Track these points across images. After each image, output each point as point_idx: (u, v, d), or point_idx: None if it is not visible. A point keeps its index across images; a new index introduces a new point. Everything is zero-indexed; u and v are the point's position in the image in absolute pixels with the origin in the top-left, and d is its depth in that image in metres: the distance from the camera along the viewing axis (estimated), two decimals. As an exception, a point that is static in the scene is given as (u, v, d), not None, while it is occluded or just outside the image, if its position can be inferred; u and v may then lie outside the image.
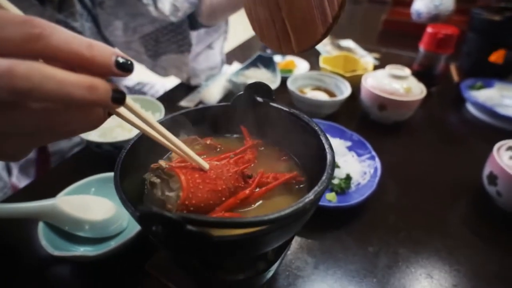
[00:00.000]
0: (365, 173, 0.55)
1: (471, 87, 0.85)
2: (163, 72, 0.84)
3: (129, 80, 1.11)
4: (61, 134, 0.23)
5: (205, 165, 0.30)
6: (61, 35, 0.19)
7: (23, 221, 0.43)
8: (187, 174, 0.29)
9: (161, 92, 1.12)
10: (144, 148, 0.33)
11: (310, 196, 0.24)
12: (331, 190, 0.52)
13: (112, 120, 0.60)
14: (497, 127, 0.75)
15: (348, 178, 0.53)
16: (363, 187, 0.52)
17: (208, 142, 0.38)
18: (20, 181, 0.88)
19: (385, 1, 1.72)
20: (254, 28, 0.39)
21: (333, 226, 0.50)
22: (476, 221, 0.53)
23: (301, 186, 0.34)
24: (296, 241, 0.47)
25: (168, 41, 0.75)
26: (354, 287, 0.42)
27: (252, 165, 0.35)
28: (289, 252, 0.46)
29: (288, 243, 0.36)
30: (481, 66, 0.91)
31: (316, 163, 0.31)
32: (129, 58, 0.21)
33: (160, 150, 0.35)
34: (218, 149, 0.38)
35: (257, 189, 0.32)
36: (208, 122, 0.39)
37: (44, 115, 0.20)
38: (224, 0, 0.65)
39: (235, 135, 0.41)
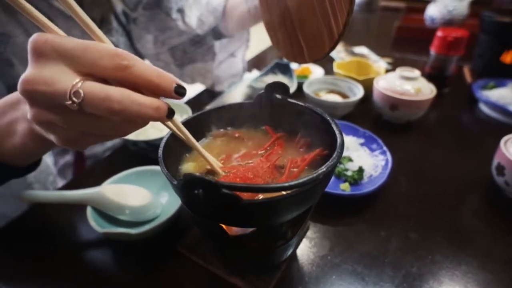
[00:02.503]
0: (376, 166, 0.59)
1: (483, 87, 0.87)
2: (189, 80, 0.90)
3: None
4: (119, 136, 0.31)
5: (218, 164, 0.36)
6: (140, 66, 0.26)
7: (74, 206, 0.50)
8: (230, 179, 0.34)
9: (185, 98, 1.19)
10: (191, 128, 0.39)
11: (323, 168, 0.29)
12: (345, 181, 0.56)
13: (145, 122, 0.67)
14: (510, 125, 0.77)
15: (360, 170, 0.57)
16: (375, 179, 0.56)
17: (236, 135, 0.44)
18: (58, 183, 0.97)
19: (398, 9, 1.76)
20: (273, 42, 0.45)
21: (346, 213, 0.54)
22: (486, 210, 0.56)
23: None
24: (313, 227, 0.52)
25: (194, 51, 0.81)
26: (367, 267, 0.46)
27: (280, 157, 0.40)
28: (307, 236, 0.50)
29: (303, 220, 0.41)
30: (493, 66, 0.93)
31: (329, 146, 0.36)
32: (184, 85, 0.28)
33: (194, 136, 0.41)
34: (244, 140, 0.44)
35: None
36: (235, 118, 0.44)
37: (120, 125, 0.29)
38: (245, 14, 0.71)
39: (258, 128, 0.46)
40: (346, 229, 0.52)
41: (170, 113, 0.28)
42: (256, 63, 1.14)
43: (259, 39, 1.22)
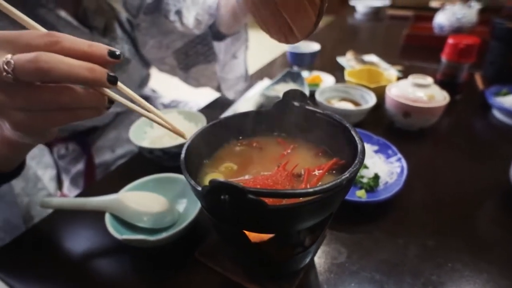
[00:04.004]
0: (392, 173, 0.59)
1: (496, 94, 0.87)
2: (195, 83, 0.91)
3: (165, 98, 1.21)
4: (72, 114, 0.32)
5: (183, 132, 0.38)
6: (69, 39, 0.30)
7: (92, 213, 0.50)
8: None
9: (194, 109, 1.21)
10: (199, 144, 0.40)
11: (346, 174, 0.29)
12: (361, 188, 0.56)
13: (160, 130, 0.68)
14: (524, 131, 0.76)
15: (376, 177, 0.57)
16: (390, 186, 0.56)
17: (254, 144, 0.44)
18: (71, 192, 0.98)
19: (406, 17, 1.77)
20: (261, 28, 0.45)
21: (363, 221, 0.54)
22: (504, 216, 0.55)
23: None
24: (331, 234, 0.51)
25: (196, 53, 0.82)
26: (385, 275, 0.45)
27: (297, 165, 0.40)
28: (324, 243, 0.50)
29: (323, 227, 0.41)
30: (505, 73, 0.93)
31: (349, 154, 0.37)
32: (118, 50, 0.31)
33: (212, 144, 0.42)
34: (262, 149, 0.44)
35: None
36: (253, 125, 0.45)
37: (57, 93, 0.30)
38: (235, 6, 0.69)
39: (276, 136, 0.46)
40: (363, 236, 0.51)
41: (111, 78, 0.31)
42: (266, 71, 1.15)
43: (268, 48, 1.24)
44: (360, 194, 0.55)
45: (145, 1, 0.79)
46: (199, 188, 0.30)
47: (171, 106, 1.18)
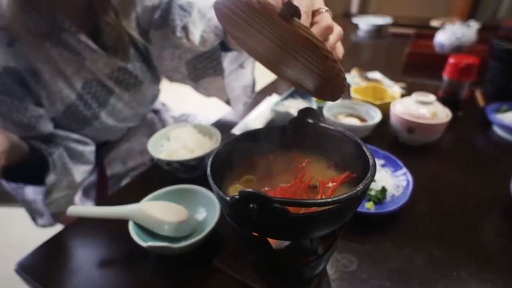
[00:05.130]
0: (398, 186, 0.62)
1: (497, 111, 0.91)
2: (205, 93, 0.92)
3: (175, 112, 1.25)
4: None
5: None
6: None
7: (114, 220, 0.54)
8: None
9: (203, 122, 1.25)
10: (222, 158, 0.43)
11: (360, 186, 0.33)
12: (369, 200, 0.59)
13: (176, 144, 0.71)
14: (524, 147, 0.80)
15: (383, 190, 0.60)
16: (397, 198, 0.59)
17: (271, 158, 0.48)
18: (83, 202, 1.01)
19: (408, 35, 1.82)
20: (293, 86, 0.49)
21: (372, 231, 0.57)
22: (507, 228, 0.58)
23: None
24: (342, 244, 0.54)
25: (205, 67, 0.83)
26: (394, 283, 0.48)
27: (313, 178, 0.43)
28: (336, 252, 0.53)
29: (336, 236, 0.44)
30: (504, 91, 0.97)
31: (360, 167, 0.40)
32: None
33: (233, 158, 0.46)
34: (279, 162, 0.48)
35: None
36: (270, 140, 0.48)
37: None
38: None
39: (291, 151, 0.50)
40: (372, 246, 0.54)
41: None
42: (275, 87, 1.20)
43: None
44: (369, 206, 0.58)
45: (153, 17, 0.82)
46: (228, 198, 0.33)
47: (181, 119, 1.22)
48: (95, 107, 0.84)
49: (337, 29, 0.43)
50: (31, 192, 0.83)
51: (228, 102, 0.91)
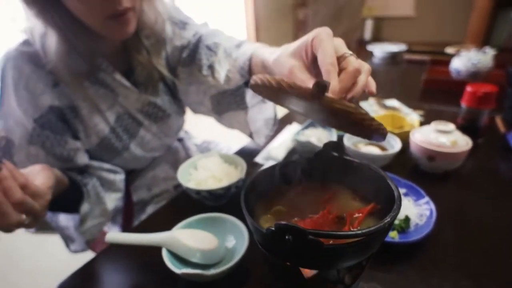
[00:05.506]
0: (421, 215, 0.63)
1: (517, 138, 0.91)
2: (228, 125, 0.95)
3: (197, 139, 1.30)
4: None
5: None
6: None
7: (147, 247, 0.57)
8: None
9: (225, 150, 1.29)
10: (255, 187, 0.46)
11: (388, 218, 0.35)
12: (393, 229, 0.61)
13: (204, 173, 0.75)
14: (549, 175, 0.79)
15: (407, 219, 0.61)
16: (421, 227, 0.60)
17: (299, 189, 0.51)
18: (109, 228, 1.05)
19: (423, 62, 1.85)
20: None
21: (397, 261, 0.58)
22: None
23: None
24: (367, 273, 0.55)
25: (229, 102, 0.86)
26: (423, 312, 0.48)
27: (339, 209, 0.46)
28: (362, 281, 0.54)
29: (363, 267, 0.45)
30: (525, 118, 0.98)
31: (384, 199, 0.42)
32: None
33: (262, 188, 0.49)
34: (307, 194, 0.50)
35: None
36: (297, 171, 0.51)
37: None
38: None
39: (318, 182, 0.52)
40: (397, 276, 0.55)
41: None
42: (295, 116, 1.24)
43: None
44: (393, 235, 0.59)
45: (182, 56, 0.88)
46: (264, 230, 0.36)
47: (203, 147, 1.27)
48: (126, 139, 0.89)
49: (365, 67, 0.46)
50: (64, 219, 0.88)
51: (250, 135, 0.94)
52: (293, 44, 0.51)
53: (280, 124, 1.14)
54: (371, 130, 0.38)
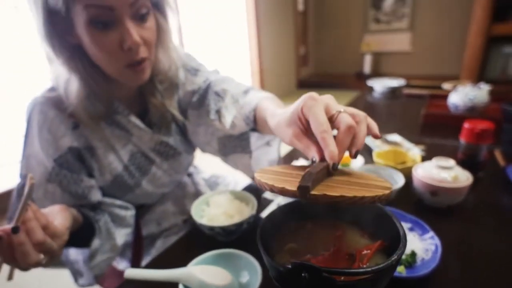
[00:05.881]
0: (427, 250, 0.66)
1: (517, 171, 0.94)
2: (234, 166, 0.99)
3: (205, 173, 1.34)
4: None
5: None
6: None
7: (162, 283, 0.59)
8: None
9: (232, 184, 1.32)
10: (269, 225, 0.50)
11: (394, 256, 0.38)
12: (400, 264, 0.63)
13: (216, 209, 0.79)
14: (549, 208, 0.82)
15: (413, 254, 0.64)
16: (427, 262, 0.63)
17: (309, 227, 0.54)
18: (119, 263, 1.07)
19: (421, 96, 1.93)
20: None
21: (406, 296, 0.59)
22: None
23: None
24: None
25: (234, 146, 0.90)
26: None
27: (348, 247, 0.49)
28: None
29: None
30: (522, 152, 1.02)
31: (391, 236, 0.46)
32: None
33: (275, 226, 0.52)
34: (317, 231, 0.53)
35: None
36: (308, 210, 0.55)
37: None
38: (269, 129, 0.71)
39: (327, 220, 0.56)
40: (407, 310, 0.57)
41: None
42: (300, 152, 1.28)
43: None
44: (400, 270, 0.61)
45: (192, 100, 0.94)
46: (281, 268, 0.39)
47: (211, 181, 1.31)
48: (138, 176, 0.94)
49: (361, 116, 0.49)
50: (74, 254, 0.90)
51: (253, 178, 0.97)
52: (288, 111, 0.55)
53: (287, 160, 1.19)
54: (369, 203, 0.41)
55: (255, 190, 1.01)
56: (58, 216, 0.65)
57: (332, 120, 0.47)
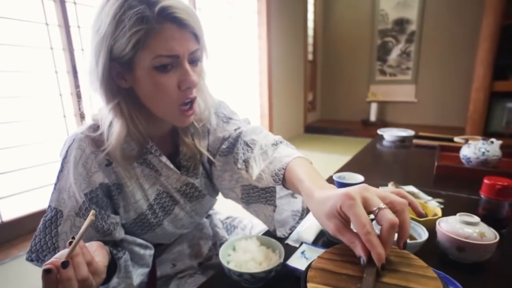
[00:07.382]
0: (462, 309, 0.64)
1: (539, 230, 0.94)
2: (255, 214, 1.01)
3: (221, 215, 1.34)
4: None
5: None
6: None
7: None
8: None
9: (248, 226, 1.32)
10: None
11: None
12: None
13: (244, 255, 0.78)
14: None
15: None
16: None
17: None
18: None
19: (431, 146, 1.96)
20: None
21: None
22: None
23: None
24: None
25: (258, 196, 0.92)
26: None
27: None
28: None
29: None
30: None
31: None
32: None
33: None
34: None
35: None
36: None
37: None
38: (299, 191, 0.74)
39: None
40: None
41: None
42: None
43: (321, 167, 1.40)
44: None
45: (221, 146, 0.98)
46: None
47: (227, 223, 1.30)
48: (161, 216, 0.95)
49: (402, 205, 0.52)
50: None
51: (274, 231, 0.96)
52: (326, 202, 0.58)
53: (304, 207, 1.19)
54: None
55: (274, 234, 1.00)
56: (97, 253, 0.66)
57: (374, 215, 0.50)
